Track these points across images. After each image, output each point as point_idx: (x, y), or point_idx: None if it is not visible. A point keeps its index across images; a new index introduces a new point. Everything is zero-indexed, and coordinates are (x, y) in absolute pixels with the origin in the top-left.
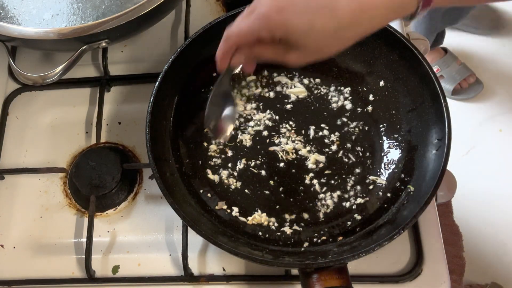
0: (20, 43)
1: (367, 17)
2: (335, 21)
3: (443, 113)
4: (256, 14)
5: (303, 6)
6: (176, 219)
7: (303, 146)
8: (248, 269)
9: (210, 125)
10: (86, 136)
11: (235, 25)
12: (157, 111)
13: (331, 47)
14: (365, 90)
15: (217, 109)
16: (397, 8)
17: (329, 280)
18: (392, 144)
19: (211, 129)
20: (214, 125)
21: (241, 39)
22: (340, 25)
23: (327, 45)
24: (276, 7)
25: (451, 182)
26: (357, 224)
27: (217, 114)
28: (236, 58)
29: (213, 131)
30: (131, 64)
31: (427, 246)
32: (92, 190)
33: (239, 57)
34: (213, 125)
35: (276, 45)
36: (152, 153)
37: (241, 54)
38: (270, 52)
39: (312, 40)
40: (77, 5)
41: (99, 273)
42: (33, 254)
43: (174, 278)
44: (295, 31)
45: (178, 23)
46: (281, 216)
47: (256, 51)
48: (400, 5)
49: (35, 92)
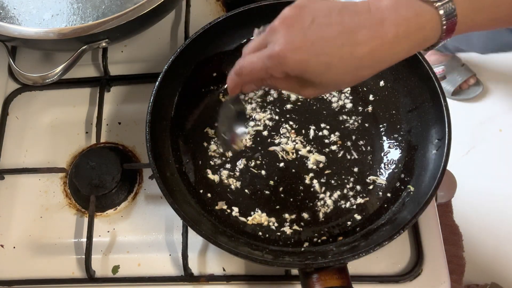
0: (20, 43)
1: (389, 54)
2: (355, 61)
3: (443, 113)
4: (269, 52)
5: (320, 44)
6: (176, 219)
7: (303, 146)
8: (248, 269)
9: (222, 137)
10: (86, 136)
11: (247, 61)
12: (157, 111)
13: (349, 83)
14: (365, 90)
15: (228, 122)
16: (421, 40)
17: (329, 280)
18: (392, 144)
19: (223, 140)
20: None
21: (253, 77)
22: (361, 64)
23: (344, 82)
24: (291, 46)
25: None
26: (357, 224)
27: (229, 127)
28: (247, 87)
29: (225, 143)
30: (131, 64)
31: (427, 246)
32: (92, 190)
33: (250, 86)
34: (225, 137)
35: (291, 79)
36: (152, 153)
37: (251, 84)
38: (284, 85)
39: (329, 79)
40: (77, 5)
41: (99, 273)
42: (33, 254)
43: (174, 278)
44: (312, 71)
45: (178, 23)
46: (281, 216)
47: (269, 83)
48: (424, 37)
49: (35, 92)
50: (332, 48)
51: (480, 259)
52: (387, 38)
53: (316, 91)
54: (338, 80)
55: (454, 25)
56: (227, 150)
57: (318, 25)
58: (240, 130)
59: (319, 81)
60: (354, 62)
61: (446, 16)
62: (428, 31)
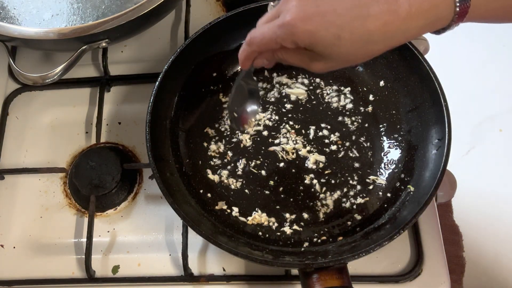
0: (20, 43)
1: (401, 30)
2: (366, 34)
3: (443, 113)
4: (280, 22)
5: (332, 16)
6: (176, 219)
7: (303, 146)
8: (248, 269)
9: (233, 116)
10: (86, 136)
11: (258, 31)
12: (157, 111)
13: (359, 58)
14: (365, 90)
15: (240, 100)
16: (433, 19)
17: (329, 280)
18: (392, 144)
19: (234, 119)
20: (237, 116)
21: (264, 47)
22: (371, 39)
23: (355, 56)
24: (302, 16)
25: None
26: (357, 224)
27: (241, 105)
28: (258, 61)
29: (236, 122)
30: (131, 64)
31: (427, 246)
32: (92, 190)
33: (261, 60)
34: (236, 116)
35: (301, 51)
36: (152, 153)
37: (263, 58)
38: (294, 58)
39: (338, 52)
40: (77, 5)
41: (99, 273)
42: (33, 254)
43: (174, 278)
44: (321, 42)
45: (178, 23)
46: (281, 216)
47: (279, 55)
48: (436, 17)
49: (35, 92)
50: (343, 20)
51: (480, 259)
52: (400, 14)
53: (326, 65)
54: (348, 54)
55: (467, 8)
56: (238, 129)
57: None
58: (251, 109)
59: (328, 53)
60: (364, 35)
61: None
62: (441, 11)
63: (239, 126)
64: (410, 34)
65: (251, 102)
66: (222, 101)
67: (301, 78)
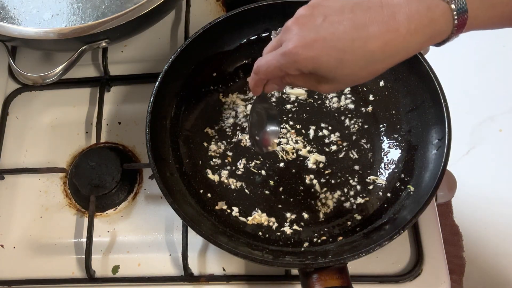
0: (20, 43)
1: (402, 47)
2: (368, 55)
3: (443, 113)
4: (282, 50)
5: (332, 40)
6: (176, 219)
7: (303, 146)
8: (248, 269)
9: (255, 140)
10: (86, 136)
11: (263, 60)
12: (157, 111)
13: (364, 77)
14: (365, 90)
15: (259, 124)
16: (433, 34)
17: (329, 280)
18: (392, 144)
19: (256, 142)
20: (259, 139)
21: (270, 75)
22: (374, 58)
23: (359, 77)
24: (303, 43)
25: (451, 182)
26: (357, 224)
27: (260, 129)
28: (269, 86)
29: (259, 145)
30: (131, 64)
31: (427, 246)
32: (92, 190)
33: (271, 85)
34: (258, 139)
35: (306, 76)
36: (152, 153)
37: (272, 83)
38: (301, 82)
39: (342, 74)
40: (77, 5)
41: (99, 273)
42: (33, 254)
43: (174, 278)
44: (324, 67)
45: (178, 23)
46: (281, 216)
47: (287, 80)
48: (436, 31)
49: (35, 92)
50: (344, 43)
51: (480, 259)
52: (400, 32)
53: (332, 86)
54: (352, 75)
55: (465, 20)
56: (261, 152)
57: (330, 22)
58: (272, 130)
59: (332, 76)
60: (366, 56)
61: (458, 10)
62: (440, 25)
63: (262, 148)
64: (412, 50)
65: (270, 124)
66: (222, 101)
67: None
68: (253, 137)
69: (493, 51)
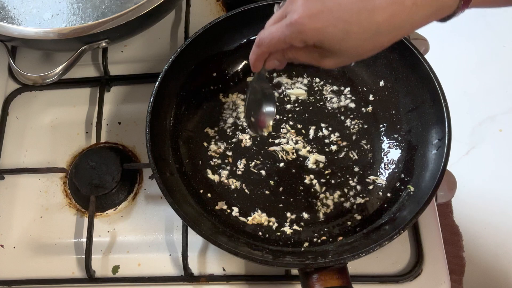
0: (20, 43)
1: (408, 20)
2: (373, 27)
3: (443, 113)
4: (288, 21)
5: (338, 11)
6: (176, 219)
7: (303, 146)
8: (248, 269)
9: (251, 121)
10: (86, 136)
11: (266, 32)
12: (157, 111)
13: (368, 51)
14: (365, 90)
15: (256, 105)
16: (439, 7)
17: (329, 280)
18: (392, 144)
19: (252, 124)
20: (254, 120)
21: (273, 47)
22: (379, 30)
23: (364, 49)
24: (309, 14)
25: (451, 182)
26: (357, 224)
27: (257, 110)
28: (269, 62)
29: (254, 125)
30: (131, 64)
31: (427, 246)
32: (92, 190)
33: (272, 61)
34: (254, 120)
35: (310, 49)
36: (152, 153)
37: (274, 59)
38: (304, 57)
39: (347, 47)
40: (77, 5)
41: (99, 273)
42: (33, 254)
43: (174, 278)
44: (330, 39)
45: (178, 23)
46: (281, 216)
47: (290, 55)
48: (442, 4)
49: (35, 92)
50: (350, 15)
51: (480, 259)
52: (406, 4)
53: (336, 60)
54: (357, 47)
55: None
56: (256, 133)
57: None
58: (268, 111)
59: (338, 49)
60: (372, 27)
61: None
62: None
63: (257, 130)
64: (417, 24)
65: (267, 105)
66: (222, 101)
67: (301, 78)
68: (249, 118)
69: (493, 51)
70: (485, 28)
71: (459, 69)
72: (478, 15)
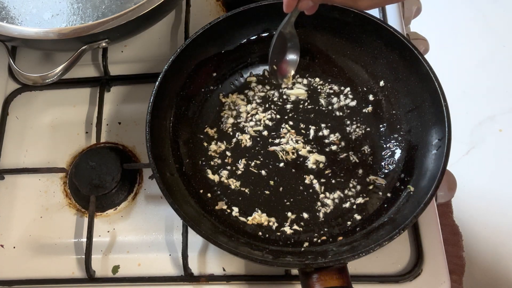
0: (20, 43)
1: None
2: None
3: (443, 113)
4: None
5: None
6: (176, 219)
7: (303, 146)
8: (248, 269)
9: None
10: (86, 136)
11: None
12: (157, 111)
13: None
14: (365, 90)
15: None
16: None
17: (329, 280)
18: (392, 144)
19: (273, 71)
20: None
21: None
22: None
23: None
24: None
25: (451, 182)
26: (357, 224)
27: (280, 57)
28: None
29: (275, 75)
30: (131, 64)
31: (427, 246)
32: (92, 190)
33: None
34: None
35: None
36: (152, 153)
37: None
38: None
39: None
40: (77, 5)
41: (99, 273)
42: (33, 254)
43: (174, 278)
44: None
45: (178, 23)
46: (281, 216)
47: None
48: None
49: (35, 92)
50: None
51: (480, 259)
52: None
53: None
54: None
55: None
56: (277, 82)
57: None
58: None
59: None
60: None
61: None
62: None
63: (278, 78)
64: None
65: (291, 53)
66: (222, 101)
67: (301, 78)
68: (272, 65)
69: (493, 51)
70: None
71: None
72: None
